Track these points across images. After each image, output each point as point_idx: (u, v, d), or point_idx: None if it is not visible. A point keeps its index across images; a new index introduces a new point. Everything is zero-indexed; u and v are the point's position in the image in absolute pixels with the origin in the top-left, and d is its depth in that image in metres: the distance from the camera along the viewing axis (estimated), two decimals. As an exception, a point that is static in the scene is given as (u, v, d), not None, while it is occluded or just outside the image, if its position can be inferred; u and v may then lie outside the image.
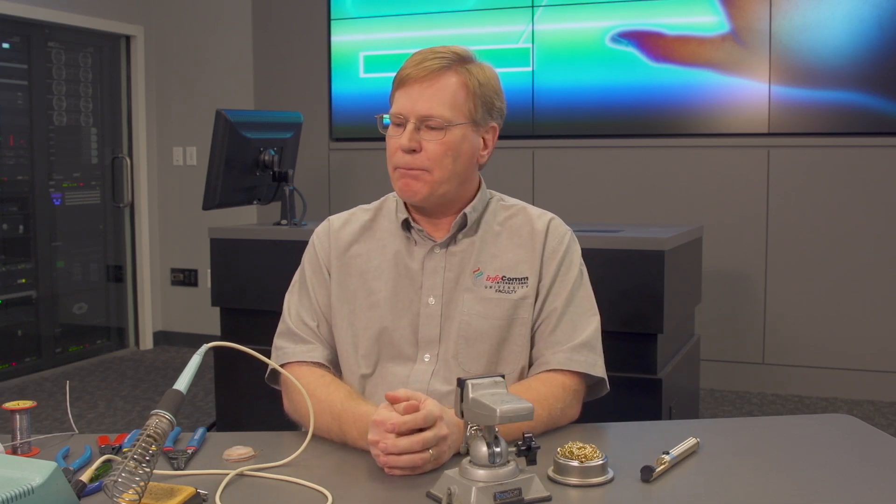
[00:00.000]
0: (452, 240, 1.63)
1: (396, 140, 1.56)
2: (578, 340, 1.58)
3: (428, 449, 1.29)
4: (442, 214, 1.63)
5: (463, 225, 1.62)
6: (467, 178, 1.62)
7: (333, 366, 1.63)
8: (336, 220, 1.72)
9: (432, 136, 1.54)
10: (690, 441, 1.38)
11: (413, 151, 1.54)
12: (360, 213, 1.71)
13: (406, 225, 1.64)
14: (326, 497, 1.21)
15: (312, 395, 1.47)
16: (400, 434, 1.28)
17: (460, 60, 1.58)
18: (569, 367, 1.56)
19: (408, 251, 1.64)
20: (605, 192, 4.89)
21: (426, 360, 1.59)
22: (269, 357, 1.51)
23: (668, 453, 1.32)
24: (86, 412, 4.41)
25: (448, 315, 1.59)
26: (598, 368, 1.59)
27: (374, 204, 1.72)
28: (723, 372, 4.72)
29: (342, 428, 1.44)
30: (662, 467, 1.29)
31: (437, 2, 5.15)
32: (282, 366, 1.58)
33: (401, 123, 1.56)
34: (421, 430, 1.29)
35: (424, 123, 1.54)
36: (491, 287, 1.60)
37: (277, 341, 1.65)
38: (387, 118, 1.60)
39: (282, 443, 1.44)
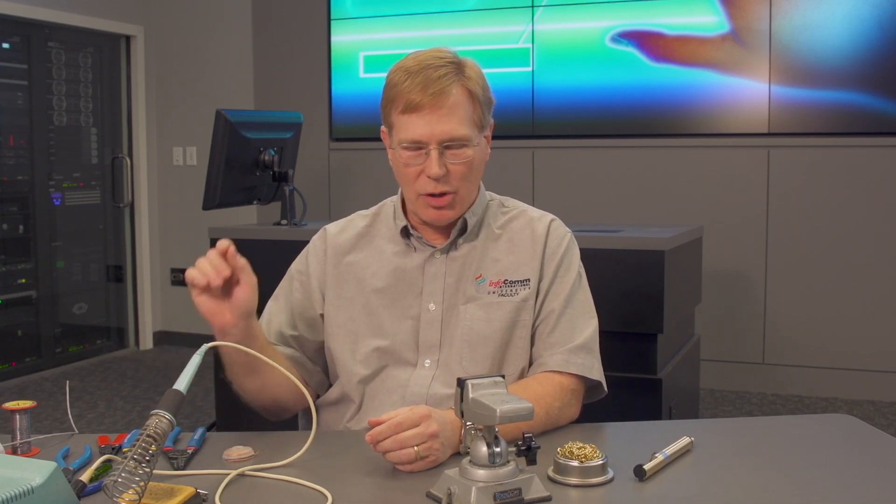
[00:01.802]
0: (453, 245, 1.62)
1: (418, 167, 1.53)
2: (576, 343, 1.58)
3: (413, 446, 1.29)
4: None
5: (463, 230, 1.62)
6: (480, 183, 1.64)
7: (297, 364, 1.64)
8: (332, 227, 1.71)
9: (456, 156, 1.53)
10: (684, 440, 1.39)
11: (440, 177, 1.53)
12: (357, 220, 1.71)
13: (405, 232, 1.63)
14: (326, 497, 1.21)
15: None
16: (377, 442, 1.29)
17: (457, 69, 1.54)
18: (566, 369, 1.56)
19: (407, 257, 1.63)
20: (605, 192, 4.89)
21: (427, 365, 1.58)
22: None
23: (660, 452, 1.32)
24: (86, 412, 4.41)
25: (448, 321, 1.59)
26: (596, 371, 1.59)
27: (372, 210, 1.71)
28: (723, 372, 4.72)
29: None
30: (653, 463, 1.29)
31: (437, 2, 5.15)
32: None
33: (419, 148, 1.53)
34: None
35: (447, 146, 1.52)
36: (494, 292, 1.59)
37: None
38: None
39: (282, 443, 1.44)
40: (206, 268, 1.42)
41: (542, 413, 1.46)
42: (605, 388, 1.62)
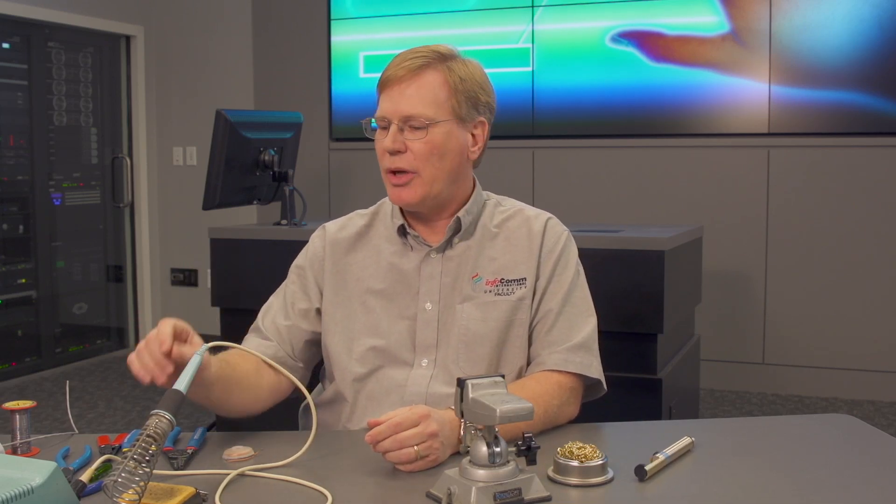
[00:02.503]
0: (448, 244, 1.62)
1: (382, 142, 1.56)
2: (574, 341, 1.58)
3: (413, 446, 1.29)
4: (437, 217, 1.62)
5: (457, 229, 1.61)
6: (459, 177, 1.60)
7: (284, 365, 1.61)
8: (332, 226, 1.71)
9: (416, 135, 1.54)
10: (685, 440, 1.39)
11: (398, 152, 1.54)
12: (356, 219, 1.71)
13: (402, 231, 1.63)
14: (326, 497, 1.21)
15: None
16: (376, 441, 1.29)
17: (440, 58, 1.56)
18: (565, 367, 1.56)
19: (404, 256, 1.63)
20: (605, 192, 4.89)
21: (424, 364, 1.58)
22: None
23: (660, 452, 1.32)
24: (86, 412, 4.41)
25: (445, 320, 1.59)
26: (594, 370, 1.59)
27: (371, 209, 1.72)
28: (723, 372, 4.72)
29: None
30: (654, 464, 1.29)
31: (437, 2, 5.15)
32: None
33: (386, 126, 1.56)
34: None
35: (408, 124, 1.54)
36: (490, 291, 1.59)
37: (248, 334, 1.68)
38: (374, 122, 1.60)
39: (282, 443, 1.44)
40: (149, 364, 1.33)
41: (540, 412, 1.45)
42: (605, 386, 1.62)
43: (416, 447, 1.29)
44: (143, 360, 1.33)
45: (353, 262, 1.66)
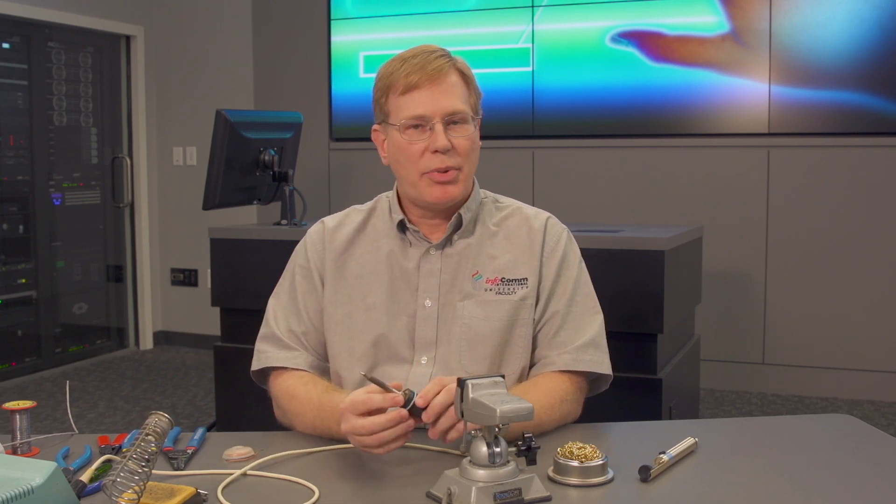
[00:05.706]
0: (448, 241, 1.62)
1: (423, 144, 1.54)
2: (583, 340, 1.58)
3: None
4: (441, 215, 1.62)
5: (458, 226, 1.62)
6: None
7: (317, 371, 1.62)
8: (330, 221, 1.70)
9: (460, 132, 1.55)
10: (689, 441, 1.39)
11: (448, 150, 1.55)
12: (353, 215, 1.70)
13: (401, 226, 1.63)
14: (326, 497, 1.21)
15: (293, 396, 1.52)
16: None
17: (449, 56, 1.59)
18: (575, 367, 1.56)
19: (403, 253, 1.62)
20: (605, 192, 4.89)
21: (423, 362, 1.58)
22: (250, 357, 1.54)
23: (665, 453, 1.32)
24: (86, 412, 4.41)
25: (445, 317, 1.58)
26: (605, 366, 1.59)
27: (368, 205, 1.71)
28: (723, 372, 4.72)
29: (323, 422, 1.46)
30: (659, 467, 1.29)
31: (437, 2, 5.15)
32: (266, 371, 1.62)
33: (421, 125, 1.54)
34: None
35: (451, 121, 1.55)
36: (491, 289, 1.59)
37: (260, 345, 1.64)
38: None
39: (282, 443, 1.44)
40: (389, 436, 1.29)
41: (556, 403, 1.49)
42: (611, 376, 1.63)
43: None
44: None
45: (351, 258, 1.65)
